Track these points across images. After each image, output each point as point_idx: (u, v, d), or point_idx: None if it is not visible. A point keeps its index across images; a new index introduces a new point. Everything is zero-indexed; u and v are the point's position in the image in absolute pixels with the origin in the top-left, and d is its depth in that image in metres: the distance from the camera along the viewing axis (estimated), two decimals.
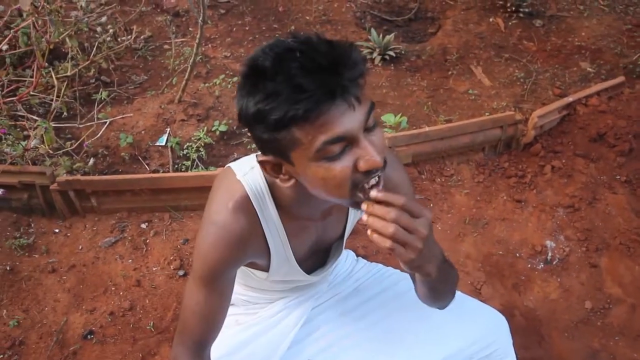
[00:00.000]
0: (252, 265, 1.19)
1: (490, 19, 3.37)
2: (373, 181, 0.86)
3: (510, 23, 3.34)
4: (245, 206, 1.01)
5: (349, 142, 0.83)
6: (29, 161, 2.23)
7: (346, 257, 1.54)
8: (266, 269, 1.15)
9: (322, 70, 0.79)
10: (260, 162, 0.93)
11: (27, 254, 2.14)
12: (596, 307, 1.99)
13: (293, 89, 0.78)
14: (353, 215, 1.19)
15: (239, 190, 1.02)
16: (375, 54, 2.99)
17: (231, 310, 1.40)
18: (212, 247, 1.01)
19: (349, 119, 0.82)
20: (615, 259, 2.14)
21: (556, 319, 1.96)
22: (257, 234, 1.05)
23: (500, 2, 3.42)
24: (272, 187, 1.04)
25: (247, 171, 1.03)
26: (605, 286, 2.06)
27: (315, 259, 1.25)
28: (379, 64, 2.99)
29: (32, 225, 2.25)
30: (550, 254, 2.17)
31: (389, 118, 2.39)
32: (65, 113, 2.50)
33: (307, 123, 0.80)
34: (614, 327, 1.94)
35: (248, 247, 1.04)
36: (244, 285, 1.32)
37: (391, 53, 2.98)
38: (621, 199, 2.36)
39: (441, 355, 1.28)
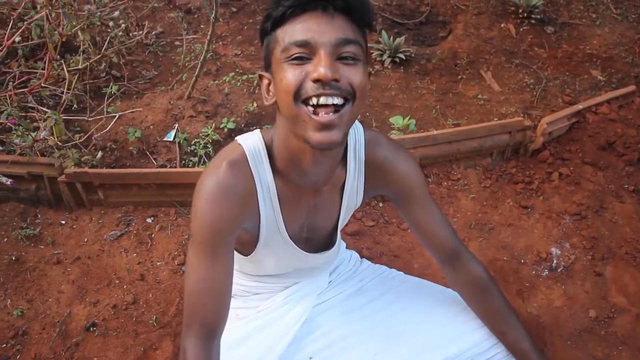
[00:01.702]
0: (242, 244, 1.19)
1: (502, 25, 3.36)
2: (322, 100, 0.88)
3: (521, 29, 3.33)
4: (241, 164, 1.04)
5: (311, 51, 0.89)
6: (38, 152, 2.25)
7: (350, 258, 1.54)
8: (256, 240, 1.14)
9: None
10: (260, 76, 1.01)
11: (32, 244, 2.15)
12: (600, 316, 1.98)
13: None
14: (347, 202, 1.19)
15: (237, 149, 1.05)
16: (385, 56, 2.99)
17: (232, 303, 1.40)
18: (208, 204, 1.01)
19: (319, 29, 0.89)
20: (621, 268, 2.13)
21: (559, 327, 1.94)
22: (251, 193, 1.06)
23: (512, 8, 3.41)
24: (269, 150, 1.06)
25: (248, 136, 1.08)
26: (609, 295, 2.05)
27: (312, 246, 1.25)
28: (389, 67, 2.99)
29: (39, 216, 2.26)
30: (555, 261, 2.16)
31: (397, 120, 2.39)
32: (75, 106, 2.52)
33: (287, 24, 0.91)
34: (618, 336, 1.92)
35: (243, 204, 1.04)
36: (241, 272, 1.32)
37: (401, 56, 2.98)
38: (629, 209, 2.34)
39: (442, 356, 1.28)
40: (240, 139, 1.08)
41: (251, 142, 1.06)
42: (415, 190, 1.20)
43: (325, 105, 0.89)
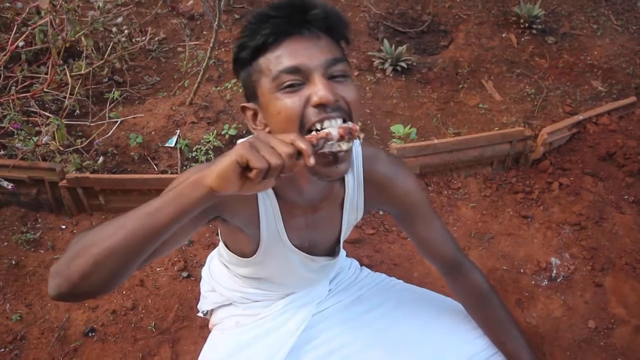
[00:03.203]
0: (240, 246, 1.18)
1: (503, 34, 3.38)
2: (326, 124, 0.87)
3: (522, 39, 3.34)
4: None
5: (304, 77, 0.88)
6: (39, 157, 2.26)
7: (349, 266, 1.54)
8: (257, 246, 1.14)
9: (290, 6, 0.89)
10: (242, 108, 0.98)
11: (32, 249, 2.15)
12: (600, 326, 1.98)
13: (260, 19, 0.89)
14: (347, 217, 1.19)
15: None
16: (387, 65, 3.00)
17: (231, 310, 1.40)
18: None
19: (308, 53, 0.88)
20: (621, 279, 2.13)
21: (559, 337, 1.94)
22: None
23: (514, 18, 3.43)
24: None
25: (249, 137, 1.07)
26: (609, 306, 2.05)
27: (314, 254, 1.24)
28: (390, 75, 3.00)
29: (40, 220, 2.26)
30: (555, 271, 2.16)
31: (398, 129, 2.39)
32: (77, 111, 2.53)
33: (269, 52, 0.89)
34: (617, 348, 1.92)
35: (240, 196, 1.01)
36: (242, 277, 1.32)
37: (403, 64, 2.99)
38: (628, 219, 2.35)
39: None
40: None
41: None
42: (417, 206, 1.19)
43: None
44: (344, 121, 0.89)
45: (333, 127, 0.86)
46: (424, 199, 1.21)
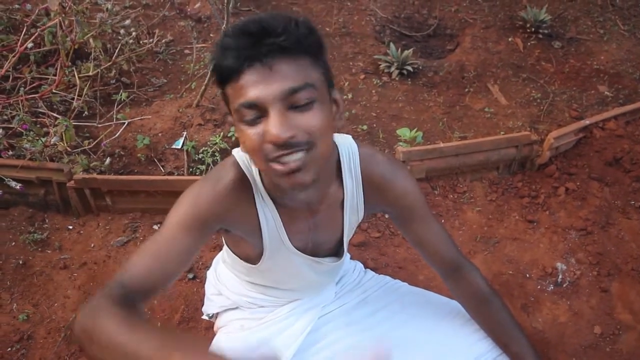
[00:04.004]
0: (245, 252, 1.19)
1: (509, 39, 3.37)
2: (285, 159, 0.86)
3: (529, 43, 3.34)
4: (239, 168, 1.05)
5: (261, 111, 0.86)
6: (47, 158, 2.27)
7: (354, 268, 1.54)
8: (261, 252, 1.15)
9: (247, 35, 0.84)
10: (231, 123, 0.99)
11: (40, 249, 2.16)
12: (606, 332, 1.97)
13: (224, 47, 0.86)
14: (348, 218, 1.19)
15: (233, 158, 1.07)
16: (393, 68, 3.01)
17: (236, 314, 1.40)
18: (208, 189, 1.03)
19: (264, 84, 0.84)
20: (627, 285, 2.12)
21: (564, 343, 1.94)
22: (249, 200, 1.06)
23: (520, 23, 3.43)
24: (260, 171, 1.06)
25: (241, 153, 1.06)
26: (615, 312, 2.04)
27: (319, 256, 1.24)
28: (397, 78, 3.01)
29: (47, 221, 2.28)
30: (560, 276, 2.16)
31: (404, 132, 2.39)
32: (85, 112, 2.54)
33: (233, 82, 0.87)
34: (623, 354, 1.91)
35: (238, 201, 1.04)
36: (249, 283, 1.33)
37: (409, 68, 2.99)
38: (635, 225, 2.34)
39: None
40: (236, 154, 1.08)
41: (245, 158, 1.06)
42: (415, 208, 1.19)
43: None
44: (307, 151, 0.87)
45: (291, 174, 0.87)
46: (421, 200, 1.20)
